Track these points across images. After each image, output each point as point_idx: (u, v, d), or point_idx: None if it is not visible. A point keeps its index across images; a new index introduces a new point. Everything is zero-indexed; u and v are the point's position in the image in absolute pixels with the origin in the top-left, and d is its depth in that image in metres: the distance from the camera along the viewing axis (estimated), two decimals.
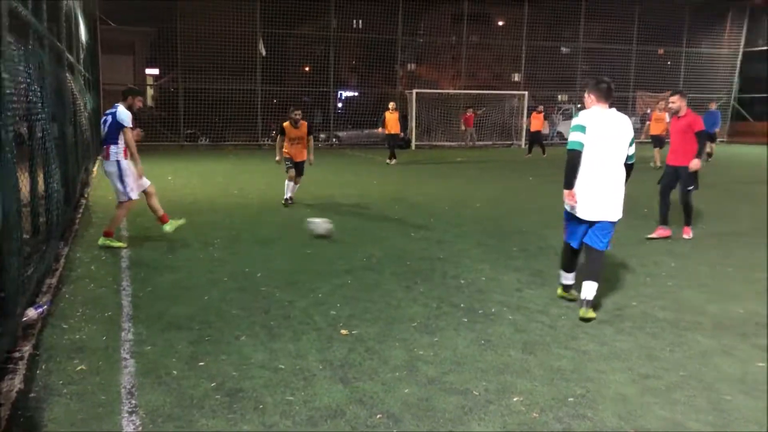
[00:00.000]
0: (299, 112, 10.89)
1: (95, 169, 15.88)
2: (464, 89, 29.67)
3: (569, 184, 5.20)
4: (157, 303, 5.51)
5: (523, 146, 27.95)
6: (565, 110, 31.29)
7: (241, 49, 25.76)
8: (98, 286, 6.00)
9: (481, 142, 28.61)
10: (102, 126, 7.70)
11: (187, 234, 8.41)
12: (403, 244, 8.04)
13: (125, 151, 7.57)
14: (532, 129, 22.29)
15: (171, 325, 4.95)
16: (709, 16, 31.72)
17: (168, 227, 8.16)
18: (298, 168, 10.99)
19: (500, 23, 35.88)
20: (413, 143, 26.26)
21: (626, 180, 5.28)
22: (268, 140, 26.17)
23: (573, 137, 5.17)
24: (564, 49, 32.61)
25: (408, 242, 8.14)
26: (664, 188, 8.52)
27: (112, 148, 7.52)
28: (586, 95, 5.38)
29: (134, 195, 7.74)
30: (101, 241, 7.64)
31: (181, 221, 8.41)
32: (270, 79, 26.16)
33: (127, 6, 26.63)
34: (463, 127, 27.22)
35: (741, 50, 32.39)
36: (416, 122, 26.58)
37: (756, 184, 14.83)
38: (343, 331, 4.85)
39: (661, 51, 32.51)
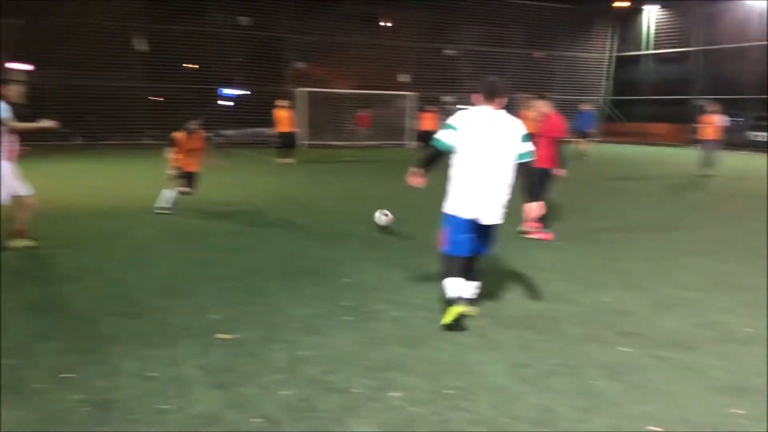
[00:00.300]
0: (196, 122, 10.35)
1: None
2: (354, 89, 29.80)
3: (419, 165, 5.25)
4: (23, 313, 5.14)
5: (411, 146, 28.42)
6: (450, 111, 32.09)
7: (120, 45, 24.60)
8: None
9: (369, 142, 28.83)
10: None
11: (58, 240, 7.91)
12: (289, 245, 7.95)
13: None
14: (423, 128, 22.68)
15: (36, 337, 4.63)
16: (581, 22, 33.56)
17: (18, 243, 7.30)
18: (191, 179, 10.27)
19: (388, 24, 36.31)
20: (303, 142, 26.06)
21: (528, 179, 5.24)
22: (147, 139, 25.14)
23: (439, 134, 5.11)
24: (448, 51, 33.46)
25: (294, 243, 8.06)
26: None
27: None
28: (473, 96, 5.17)
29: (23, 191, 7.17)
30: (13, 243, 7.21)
31: (33, 243, 7.37)
32: (152, 76, 25.15)
33: None
34: (356, 127, 27.33)
35: (613, 55, 34.47)
36: (306, 121, 26.41)
37: (625, 180, 15.84)
38: (224, 336, 4.72)
39: (537, 54, 34.04)
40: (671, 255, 7.64)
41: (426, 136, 22.51)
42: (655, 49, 32.67)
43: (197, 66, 29.29)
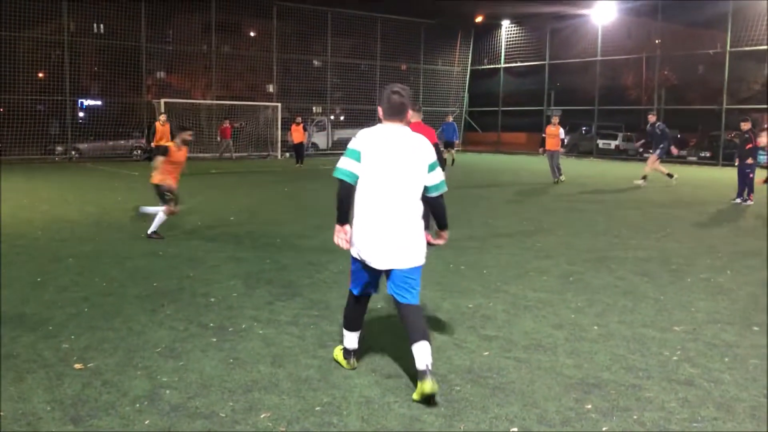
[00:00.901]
0: (190, 132, 9.64)
1: None
2: (217, 99, 29.12)
3: (339, 218, 4.16)
4: None
5: (279, 157, 28.21)
6: (319, 122, 32.21)
7: None
8: None
9: (237, 154, 28.27)
10: None
11: None
12: (150, 263, 7.61)
13: None
14: (295, 141, 22.73)
15: None
16: (441, 36, 34.87)
17: None
18: (175, 196, 9.38)
19: (252, 34, 35.84)
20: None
21: (439, 216, 4.44)
22: None
23: (342, 164, 4.07)
24: (315, 62, 33.57)
25: (155, 261, 7.73)
26: None
27: None
28: (379, 109, 4.21)
29: None
30: None
31: None
32: None
33: None
34: (219, 138, 26.61)
35: (468, 68, 36.07)
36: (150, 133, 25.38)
37: (484, 188, 16.57)
38: (77, 365, 4.43)
39: (403, 67, 34.96)
40: (527, 259, 8.08)
41: (297, 149, 22.56)
42: (507, 62, 34.54)
43: (42, 75, 27.43)
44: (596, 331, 5.32)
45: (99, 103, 28.76)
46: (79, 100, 27.58)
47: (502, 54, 34.55)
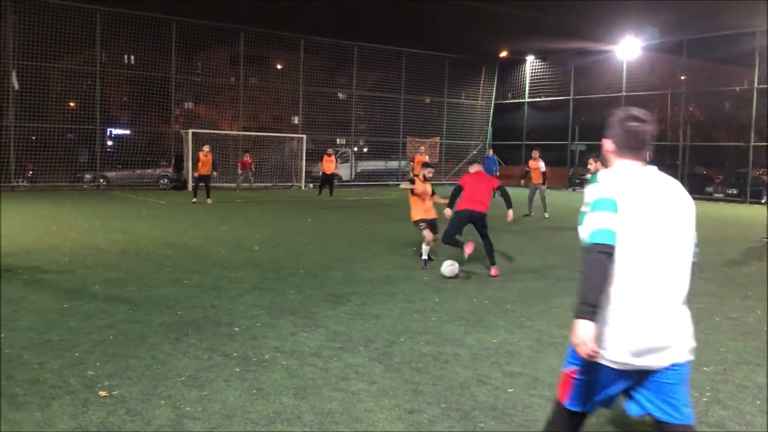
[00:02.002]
0: (431, 170, 10.09)
1: None
2: (244, 130, 29.52)
3: (590, 309, 2.66)
4: None
5: (303, 188, 28.42)
6: (343, 154, 32.48)
7: None
8: None
9: (260, 184, 28.51)
10: None
11: None
12: (174, 292, 7.66)
13: None
14: (326, 171, 22.97)
15: None
16: (465, 69, 35.16)
17: None
18: (434, 226, 9.77)
19: (279, 67, 36.44)
20: (190, 184, 25.40)
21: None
22: (22, 181, 23.67)
23: (598, 222, 2.70)
24: (340, 95, 33.99)
25: (179, 290, 7.78)
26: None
27: None
28: (603, 143, 3.04)
29: None
30: None
31: None
32: (27, 114, 23.79)
33: None
34: (240, 171, 26.84)
35: (493, 102, 36.25)
36: (192, 162, 25.79)
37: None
38: (102, 393, 4.45)
39: (427, 100, 35.25)
40: (552, 295, 8.00)
41: (327, 179, 22.84)
42: (531, 97, 34.66)
43: (73, 105, 28.10)
44: None
45: (128, 132, 29.30)
46: (108, 129, 28.13)
47: (527, 88, 34.68)
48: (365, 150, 35.56)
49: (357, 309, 7.01)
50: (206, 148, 20.18)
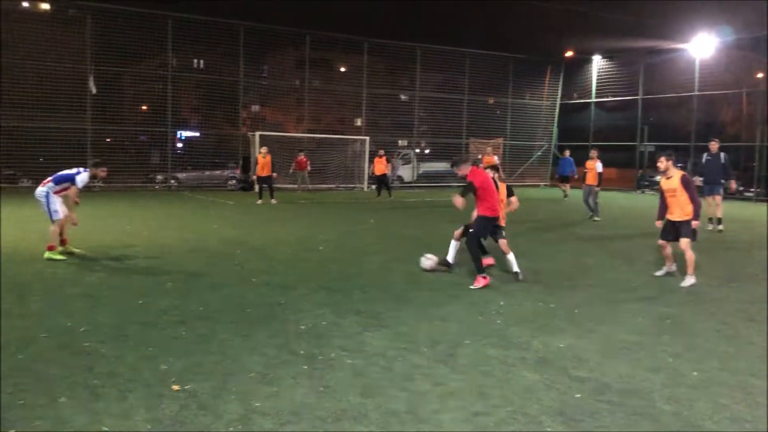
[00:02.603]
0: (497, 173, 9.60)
1: None
2: (308, 132, 29.94)
3: None
4: None
5: (365, 189, 28.61)
6: (405, 155, 32.55)
7: (69, 86, 24.22)
8: None
9: (325, 185, 28.84)
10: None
11: (4, 285, 7.65)
12: (242, 290, 7.84)
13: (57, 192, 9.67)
14: (377, 173, 23.09)
15: None
16: (530, 70, 34.65)
17: (48, 255, 9.51)
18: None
19: (342, 69, 36.81)
20: (256, 186, 25.92)
21: None
22: (98, 181, 24.66)
23: None
24: (402, 97, 34.05)
25: (247, 288, 7.96)
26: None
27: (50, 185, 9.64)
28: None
29: (58, 216, 9.57)
30: (46, 255, 9.49)
31: (60, 257, 9.60)
32: (102, 117, 24.80)
33: None
34: (291, 170, 27.21)
35: (558, 102, 35.61)
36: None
37: (577, 224, 16.17)
38: (175, 387, 4.60)
39: (490, 101, 34.93)
40: (620, 299, 7.81)
41: (380, 180, 22.93)
42: (598, 97, 33.86)
43: (145, 108, 29.16)
44: (696, 377, 5.07)
45: (197, 134, 30.17)
46: (179, 132, 29.01)
47: (593, 88, 33.90)
48: (427, 151, 35.50)
49: (421, 310, 7.02)
50: (264, 150, 20.60)
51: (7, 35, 23.25)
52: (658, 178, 10.02)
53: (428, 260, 9.24)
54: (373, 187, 29.21)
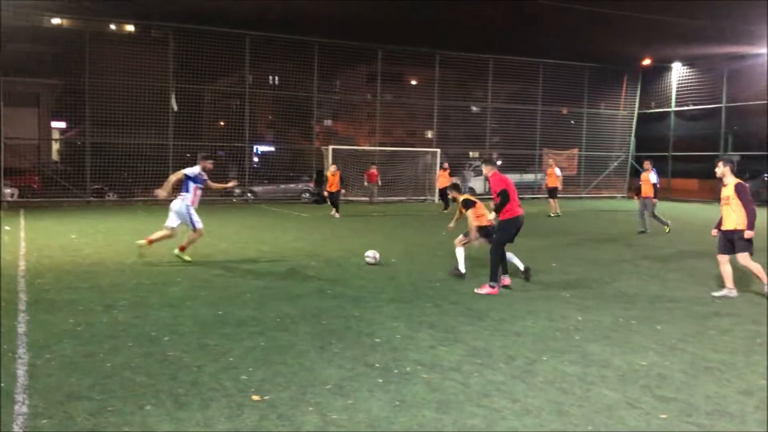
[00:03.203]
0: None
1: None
2: (379, 145, 30.20)
3: None
4: (56, 372, 5.19)
5: (436, 201, 28.57)
6: (476, 167, 32.34)
7: (152, 104, 25.32)
8: None
9: (394, 198, 28.97)
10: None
11: (90, 296, 8.04)
12: (318, 302, 7.96)
13: (192, 200, 11.03)
14: (440, 186, 23.20)
15: (70, 396, 4.66)
16: (606, 79, 33.82)
17: (182, 255, 10.84)
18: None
19: (413, 82, 37.02)
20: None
21: None
22: (178, 194, 25.62)
23: None
24: (474, 108, 33.88)
25: (323, 300, 8.07)
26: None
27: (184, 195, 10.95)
28: None
29: (199, 225, 10.89)
30: (175, 251, 10.88)
31: (189, 259, 10.83)
32: (183, 133, 25.76)
33: (32, 57, 25.91)
34: (366, 183, 27.50)
35: (635, 112, 34.60)
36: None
37: (655, 236, 15.63)
38: (255, 397, 4.71)
39: (564, 111, 34.30)
40: (705, 316, 7.49)
41: (443, 193, 23.06)
42: (678, 105, 32.72)
43: (223, 123, 30.14)
44: None
45: (272, 149, 30.91)
46: (255, 147, 29.80)
47: (673, 97, 32.76)
48: (500, 162, 35.14)
49: (496, 325, 6.93)
50: (332, 168, 21.19)
51: (95, 56, 24.51)
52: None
53: (371, 257, 10.72)
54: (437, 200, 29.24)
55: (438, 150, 29.59)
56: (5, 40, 22.24)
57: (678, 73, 32.65)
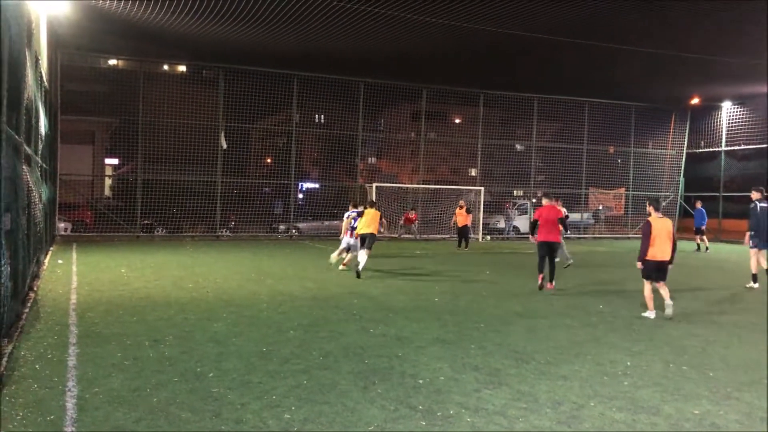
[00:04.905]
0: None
1: (47, 260, 15.51)
2: (423, 183, 30.30)
3: None
4: (104, 406, 5.28)
5: (480, 240, 28.42)
6: (521, 205, 32.11)
7: (202, 142, 26.01)
8: (42, 387, 5.74)
9: (440, 236, 28.94)
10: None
11: (138, 330, 8.19)
12: (361, 340, 7.95)
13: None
14: (459, 224, 23.32)
15: (117, 430, 4.73)
16: (653, 118, 33.41)
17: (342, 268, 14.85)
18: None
19: (457, 121, 37.20)
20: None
21: None
22: (226, 231, 26.06)
23: None
24: (518, 147, 33.78)
25: (366, 338, 8.06)
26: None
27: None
28: None
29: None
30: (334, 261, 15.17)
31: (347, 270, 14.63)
32: (230, 170, 26.32)
33: (88, 96, 26.95)
34: (401, 222, 27.73)
35: (684, 151, 34.00)
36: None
37: (707, 279, 15.20)
38: None
39: (611, 149, 33.92)
40: (761, 363, 7.22)
41: (461, 232, 23.18)
42: (728, 145, 32.03)
43: (269, 160, 30.74)
44: None
45: (317, 186, 31.30)
46: (300, 184, 30.23)
47: (723, 136, 32.13)
48: (544, 202, 34.82)
49: (542, 368, 6.81)
50: (463, 204, 23.38)
51: (147, 95, 25.38)
52: None
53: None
54: (489, 237, 29.09)
55: (482, 188, 29.52)
56: (66, 80, 23.22)
57: (728, 111, 32.06)
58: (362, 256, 14.18)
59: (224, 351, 7.26)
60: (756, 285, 13.79)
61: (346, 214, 16.11)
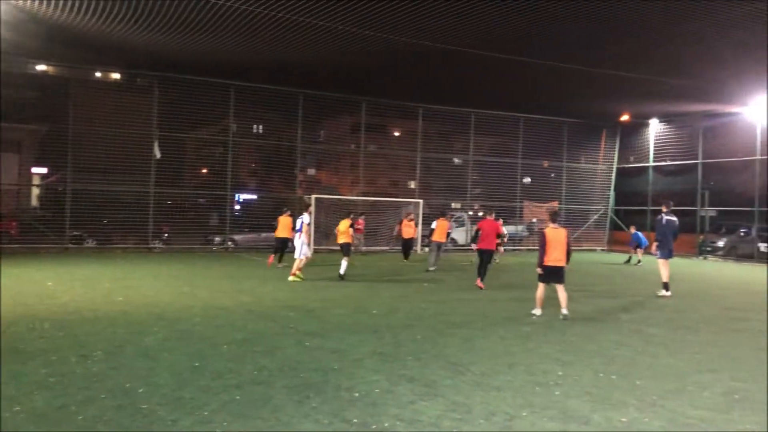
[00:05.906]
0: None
1: None
2: (362, 195, 30.33)
3: None
4: (25, 425, 5.04)
5: (419, 251, 28.60)
6: (458, 218, 32.52)
7: (135, 151, 25.35)
8: None
9: (378, 248, 29.00)
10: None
11: (65, 345, 7.88)
12: (297, 354, 7.86)
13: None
14: (405, 236, 23.57)
15: None
16: (585, 133, 34.51)
17: (293, 279, 15.37)
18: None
19: (396, 134, 37.48)
20: (311, 248, 26.23)
21: None
22: (159, 243, 25.41)
23: None
24: (456, 160, 34.26)
25: (301, 352, 7.97)
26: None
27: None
28: None
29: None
30: (290, 278, 15.32)
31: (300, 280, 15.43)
32: (164, 180, 25.70)
33: (16, 103, 25.89)
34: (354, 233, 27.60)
35: (614, 166, 35.20)
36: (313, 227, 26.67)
37: (634, 289, 15.72)
38: None
39: (545, 164, 34.80)
40: (685, 372, 7.50)
41: (406, 244, 23.46)
42: (656, 161, 33.33)
43: (205, 171, 30.22)
44: None
45: (254, 197, 30.90)
46: (237, 195, 29.77)
47: (651, 152, 33.44)
48: (480, 214, 35.40)
49: (477, 379, 6.88)
50: (411, 218, 24.09)
51: (78, 102, 24.61)
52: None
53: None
54: (427, 249, 29.30)
55: (421, 200, 29.77)
56: None
57: (655, 129, 33.39)
58: (343, 262, 16.27)
59: (155, 366, 7.06)
60: (668, 293, 14.45)
61: (304, 221, 16.94)
